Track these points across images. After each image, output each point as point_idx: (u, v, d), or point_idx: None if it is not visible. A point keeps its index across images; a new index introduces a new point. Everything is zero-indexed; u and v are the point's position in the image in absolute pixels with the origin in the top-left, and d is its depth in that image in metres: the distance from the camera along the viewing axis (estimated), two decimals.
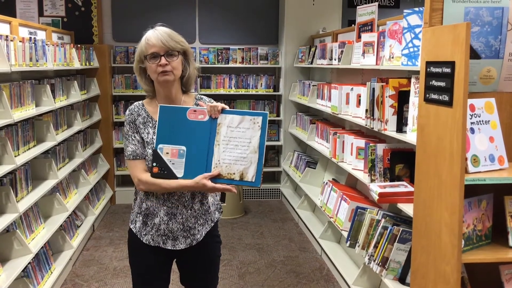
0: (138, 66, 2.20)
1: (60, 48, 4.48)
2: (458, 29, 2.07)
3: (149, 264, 2.33)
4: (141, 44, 2.17)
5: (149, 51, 2.13)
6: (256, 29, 6.40)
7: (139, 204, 2.27)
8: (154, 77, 2.16)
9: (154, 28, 2.20)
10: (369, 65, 3.62)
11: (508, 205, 2.23)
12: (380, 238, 3.10)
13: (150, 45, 2.13)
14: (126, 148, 2.21)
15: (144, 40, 2.17)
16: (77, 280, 4.00)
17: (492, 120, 2.23)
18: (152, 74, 2.16)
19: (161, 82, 2.16)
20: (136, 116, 2.21)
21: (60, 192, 4.34)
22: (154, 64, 2.13)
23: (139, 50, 2.18)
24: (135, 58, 2.21)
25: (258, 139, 2.14)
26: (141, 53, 2.17)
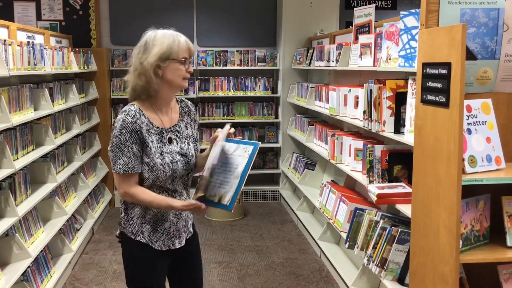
0: (156, 64, 2.09)
1: (58, 52, 4.48)
2: (454, 30, 2.08)
3: (161, 269, 2.26)
4: (170, 44, 2.10)
5: (181, 56, 2.11)
6: (254, 31, 6.41)
7: (141, 214, 2.18)
8: (177, 81, 2.14)
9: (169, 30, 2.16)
10: (367, 67, 3.64)
11: (505, 205, 2.24)
12: (378, 239, 3.11)
13: (182, 49, 2.12)
14: (116, 161, 2.07)
15: (177, 41, 2.12)
16: (77, 284, 4.01)
17: (488, 121, 2.25)
18: (175, 77, 2.13)
19: (179, 87, 2.17)
20: (140, 124, 2.09)
21: (59, 196, 4.35)
22: (183, 69, 2.13)
23: (166, 49, 2.09)
24: (154, 56, 2.08)
25: (243, 166, 2.12)
26: (168, 54, 2.10)
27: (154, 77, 2.09)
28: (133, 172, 2.09)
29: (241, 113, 6.36)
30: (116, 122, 2.11)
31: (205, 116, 6.29)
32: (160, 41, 2.10)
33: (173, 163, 2.16)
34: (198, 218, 5.65)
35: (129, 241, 2.19)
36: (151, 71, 2.08)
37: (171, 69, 2.11)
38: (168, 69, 2.11)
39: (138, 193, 2.10)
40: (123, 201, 2.21)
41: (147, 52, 2.10)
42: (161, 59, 2.09)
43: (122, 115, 2.10)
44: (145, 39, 2.15)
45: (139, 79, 2.11)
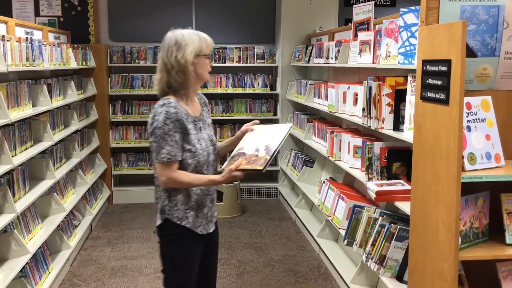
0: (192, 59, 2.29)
1: (56, 48, 4.47)
2: (454, 27, 2.08)
3: (200, 253, 2.43)
4: (200, 42, 2.33)
5: (207, 52, 2.36)
6: (253, 28, 6.40)
7: (184, 200, 2.33)
8: (205, 74, 2.37)
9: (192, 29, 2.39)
10: (366, 64, 3.63)
11: (504, 203, 2.25)
12: (377, 236, 3.11)
13: (208, 46, 2.37)
14: (159, 150, 2.23)
15: (203, 39, 2.35)
16: (75, 280, 4.00)
17: (488, 118, 2.24)
18: (203, 71, 2.35)
19: (204, 79, 2.40)
20: (181, 114, 2.28)
21: (57, 192, 4.34)
22: (208, 63, 2.37)
23: (198, 46, 2.32)
24: (190, 52, 2.28)
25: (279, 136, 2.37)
26: (199, 51, 2.32)
27: (191, 72, 2.31)
28: (175, 160, 2.26)
29: (239, 110, 6.35)
30: (157, 115, 2.25)
31: None
32: (191, 39, 2.32)
33: (208, 148, 2.37)
34: None
35: (175, 227, 2.33)
36: (189, 67, 2.30)
37: (200, 64, 2.34)
38: (198, 64, 2.33)
39: (181, 176, 2.27)
40: (165, 189, 2.34)
41: (181, 50, 2.29)
42: (194, 56, 2.31)
43: (164, 108, 2.26)
44: (174, 38, 2.33)
45: (177, 76, 2.30)
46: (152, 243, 4.79)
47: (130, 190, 6.20)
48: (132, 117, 6.14)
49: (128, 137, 6.17)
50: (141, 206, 6.01)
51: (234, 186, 5.68)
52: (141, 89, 6.11)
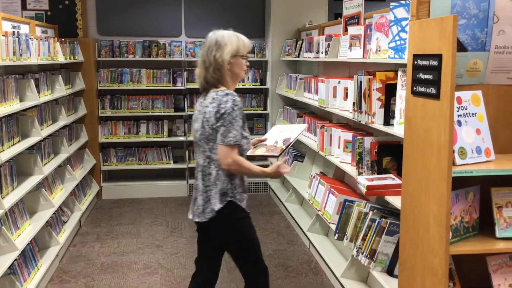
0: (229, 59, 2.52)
1: (44, 42, 4.41)
2: (445, 22, 2.07)
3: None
4: (238, 43, 2.55)
5: (244, 52, 2.58)
6: (243, 22, 6.37)
7: (239, 184, 2.58)
8: (241, 73, 2.60)
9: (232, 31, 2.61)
10: (356, 58, 3.63)
11: (494, 197, 2.26)
12: (368, 230, 3.12)
13: (246, 47, 2.60)
14: (227, 134, 2.44)
15: (241, 41, 2.57)
16: (64, 276, 3.97)
17: (478, 113, 2.25)
18: (239, 69, 2.58)
19: (240, 77, 2.63)
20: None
21: (45, 188, 4.30)
22: (244, 63, 2.60)
23: (235, 47, 2.53)
24: (228, 52, 2.51)
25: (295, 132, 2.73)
26: (236, 51, 2.54)
27: (227, 71, 2.53)
28: (239, 143, 2.49)
29: None
30: (222, 102, 2.45)
31: (193, 107, 6.19)
32: (230, 40, 2.54)
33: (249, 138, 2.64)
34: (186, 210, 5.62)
35: (237, 207, 2.57)
36: (225, 66, 2.52)
37: (237, 64, 2.56)
38: (235, 64, 2.55)
39: (243, 161, 2.51)
40: (227, 174, 2.53)
41: (220, 50, 2.52)
42: (231, 56, 2.53)
43: (229, 96, 2.46)
44: (215, 38, 2.55)
45: (213, 73, 2.52)
46: (142, 238, 4.77)
47: (120, 186, 6.16)
48: (121, 112, 6.09)
49: (117, 132, 6.12)
50: (131, 201, 5.98)
51: None
52: (130, 83, 6.05)
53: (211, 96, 2.51)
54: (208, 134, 2.50)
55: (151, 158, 6.22)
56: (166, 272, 4.05)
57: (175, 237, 4.82)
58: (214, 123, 2.46)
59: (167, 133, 6.21)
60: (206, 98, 2.55)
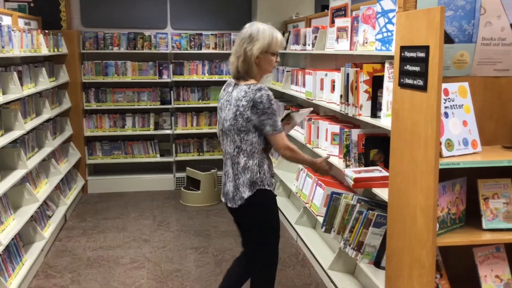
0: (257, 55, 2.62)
1: (27, 34, 4.33)
2: (432, 13, 2.06)
3: None
4: (270, 40, 2.64)
5: (277, 49, 2.69)
6: (229, 14, 6.32)
7: (268, 170, 2.73)
8: (268, 69, 2.73)
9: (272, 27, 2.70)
10: (343, 51, 3.61)
11: (481, 188, 2.26)
12: (355, 222, 3.12)
13: (279, 45, 2.69)
14: (276, 124, 2.63)
15: (275, 38, 2.66)
16: (50, 272, 3.93)
17: (465, 104, 2.25)
18: (268, 65, 2.70)
19: (268, 72, 2.77)
20: None
21: (30, 182, 4.24)
22: (274, 60, 2.70)
23: (266, 44, 2.63)
24: (257, 48, 2.61)
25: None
26: (267, 48, 2.63)
27: (254, 65, 2.64)
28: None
29: (216, 98, 6.29)
30: (259, 98, 2.58)
31: (180, 100, 6.20)
32: (262, 36, 2.63)
33: None
34: (173, 204, 5.61)
35: (267, 193, 2.71)
36: (253, 60, 2.62)
37: (266, 60, 2.67)
38: (264, 59, 2.66)
39: (295, 149, 2.72)
40: (256, 163, 2.68)
41: (251, 44, 2.62)
42: (261, 52, 2.62)
43: (263, 91, 2.59)
44: (250, 31, 2.65)
45: (242, 64, 2.65)
46: (128, 232, 4.73)
47: (105, 180, 6.10)
48: (107, 105, 6.02)
49: (103, 126, 6.06)
50: (116, 195, 5.93)
51: (211, 174, 5.64)
52: (115, 76, 5.99)
53: (243, 90, 2.62)
54: (240, 126, 2.63)
55: (137, 151, 6.17)
56: (153, 266, 4.02)
57: (162, 231, 4.79)
58: (250, 116, 2.60)
59: (154, 126, 6.16)
60: (236, 89, 2.67)
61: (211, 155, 6.31)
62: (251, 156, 2.68)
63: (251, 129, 2.64)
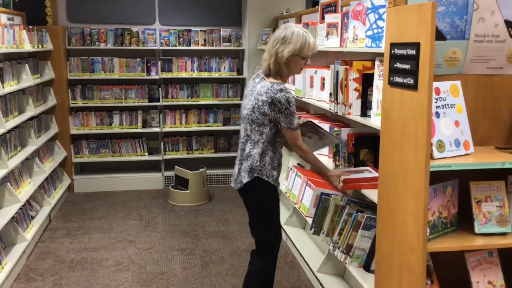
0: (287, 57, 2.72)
1: (8, 29, 4.20)
2: (424, 9, 1.97)
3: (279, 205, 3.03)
4: (303, 44, 2.72)
5: (308, 54, 2.77)
6: (219, 10, 6.21)
7: (270, 162, 2.84)
8: (296, 71, 2.84)
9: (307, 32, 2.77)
10: (333, 47, 3.52)
11: (473, 191, 2.18)
12: (344, 225, 3.03)
13: (311, 49, 2.77)
14: (292, 122, 2.75)
15: (307, 43, 2.73)
16: (31, 274, 3.81)
17: (457, 104, 2.16)
18: (296, 67, 2.80)
19: (295, 74, 2.94)
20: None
21: (11, 182, 4.12)
22: (303, 63, 2.79)
23: (298, 48, 2.71)
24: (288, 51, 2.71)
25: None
26: (298, 52, 2.72)
27: (283, 66, 2.75)
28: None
29: (205, 95, 6.18)
30: (278, 98, 2.69)
31: (168, 98, 6.08)
32: (296, 40, 2.71)
33: None
34: (161, 204, 5.50)
35: (264, 183, 2.84)
36: (283, 62, 2.73)
37: (295, 62, 2.77)
38: (293, 61, 2.76)
39: (309, 149, 2.90)
40: (259, 153, 2.81)
41: (283, 46, 2.72)
42: (291, 55, 2.72)
43: (283, 93, 2.70)
44: (284, 33, 2.74)
45: (272, 63, 2.76)
46: (114, 233, 4.62)
47: (92, 178, 5.98)
48: (93, 103, 5.90)
49: (89, 123, 5.93)
50: (104, 194, 5.81)
51: (200, 172, 5.53)
52: (102, 73, 5.86)
53: (267, 86, 2.74)
54: (255, 118, 2.76)
55: (125, 150, 6.05)
56: (138, 269, 3.92)
57: (148, 231, 4.68)
58: (266, 111, 2.72)
59: (142, 124, 6.04)
60: (262, 83, 2.79)
61: (200, 153, 6.20)
62: (256, 145, 2.82)
63: (265, 122, 2.75)
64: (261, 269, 3.01)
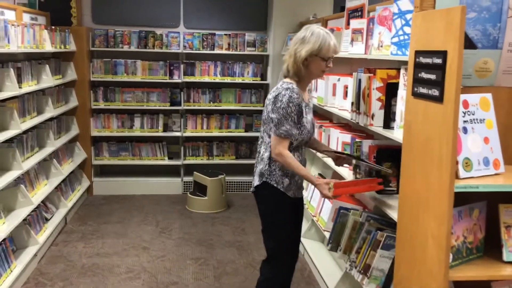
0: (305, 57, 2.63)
1: (28, 29, 4.17)
2: (452, 14, 1.80)
3: (291, 212, 2.84)
4: (322, 44, 2.61)
5: (329, 55, 2.65)
6: (244, 14, 6.09)
7: (280, 167, 2.72)
8: (316, 72, 2.71)
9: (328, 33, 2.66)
10: (357, 54, 3.35)
11: (503, 215, 1.99)
12: (362, 243, 2.85)
13: (331, 50, 2.65)
14: (280, 127, 2.62)
15: (327, 44, 2.62)
16: (41, 279, 3.74)
17: (487, 119, 1.97)
18: (316, 69, 2.68)
19: (317, 77, 2.80)
20: (301, 99, 2.67)
21: (26, 184, 4.07)
22: (324, 65, 2.66)
23: (317, 48, 2.61)
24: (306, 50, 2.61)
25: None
26: (317, 52, 2.62)
27: (302, 66, 2.66)
28: (290, 138, 2.66)
29: (228, 100, 6.07)
30: (281, 96, 2.64)
31: (190, 102, 5.99)
32: (314, 40, 2.62)
33: (310, 130, 2.80)
34: (179, 210, 5.40)
35: (272, 188, 2.74)
36: (301, 62, 2.64)
37: (315, 63, 2.66)
38: (312, 62, 2.66)
39: (289, 156, 2.65)
40: (267, 157, 2.74)
41: (302, 46, 2.64)
42: (309, 55, 2.63)
43: (288, 92, 2.63)
44: (304, 34, 2.67)
45: (292, 64, 2.68)
46: (128, 239, 4.53)
47: (111, 181, 5.93)
48: (115, 105, 5.85)
49: (110, 126, 5.89)
50: (122, 198, 5.74)
51: (219, 179, 5.41)
52: (124, 75, 5.81)
53: (278, 85, 2.74)
54: (265, 118, 2.74)
55: (145, 153, 5.98)
56: (149, 277, 3.81)
57: (163, 238, 4.58)
58: (270, 111, 2.67)
59: (163, 127, 5.97)
60: (278, 83, 2.78)
61: (221, 159, 6.09)
62: (267, 148, 2.75)
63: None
64: (267, 279, 2.90)
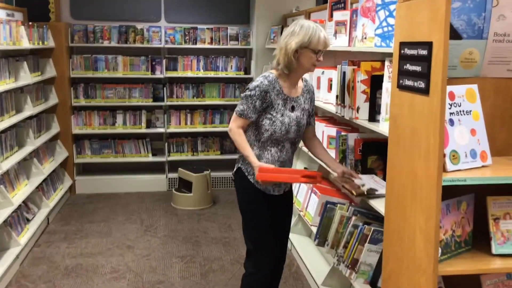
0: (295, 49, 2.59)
1: (4, 25, 4.06)
2: (437, 4, 1.76)
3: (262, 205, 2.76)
4: (311, 36, 2.58)
5: (319, 47, 2.61)
6: (226, 7, 6.02)
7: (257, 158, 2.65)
8: (307, 65, 2.65)
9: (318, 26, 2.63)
10: (341, 47, 3.31)
11: (491, 207, 1.97)
12: (350, 237, 2.82)
13: (321, 43, 2.61)
14: (239, 106, 2.66)
15: (317, 36, 2.59)
16: (23, 281, 3.66)
17: (474, 110, 1.95)
18: (307, 62, 2.64)
19: (307, 70, 2.70)
20: (272, 88, 2.64)
21: (6, 184, 3.97)
22: (315, 58, 2.63)
23: (306, 40, 2.58)
24: (296, 42, 2.57)
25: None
26: (307, 44, 2.58)
27: (293, 59, 2.61)
28: (244, 118, 2.64)
29: (211, 95, 6.00)
30: (255, 81, 2.66)
31: (173, 97, 5.91)
32: (305, 32, 2.60)
33: (289, 125, 2.68)
34: (164, 207, 5.33)
35: (244, 178, 2.72)
36: (291, 54, 2.60)
37: (305, 56, 2.62)
38: (303, 55, 2.62)
39: (238, 133, 2.66)
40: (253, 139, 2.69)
41: (292, 38, 2.62)
42: (300, 47, 2.60)
43: (261, 78, 2.66)
44: (293, 27, 2.64)
45: (281, 57, 2.65)
46: (113, 238, 4.46)
47: (94, 180, 5.83)
48: (96, 101, 5.75)
49: (92, 123, 5.79)
50: (105, 196, 5.66)
51: (204, 175, 5.35)
52: (105, 71, 5.71)
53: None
54: None
55: (128, 150, 5.89)
56: (134, 277, 3.75)
57: (148, 236, 4.52)
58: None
59: (146, 124, 5.88)
60: None
61: (205, 155, 6.02)
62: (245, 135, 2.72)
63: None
64: (251, 274, 2.82)
